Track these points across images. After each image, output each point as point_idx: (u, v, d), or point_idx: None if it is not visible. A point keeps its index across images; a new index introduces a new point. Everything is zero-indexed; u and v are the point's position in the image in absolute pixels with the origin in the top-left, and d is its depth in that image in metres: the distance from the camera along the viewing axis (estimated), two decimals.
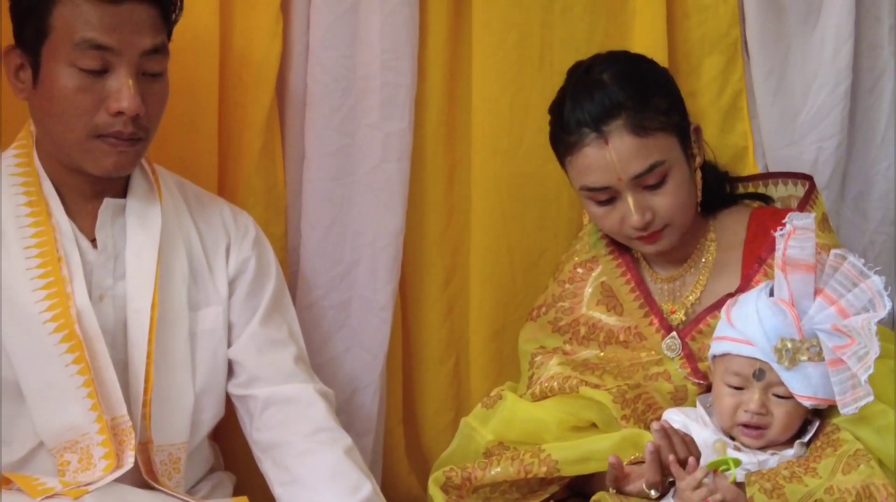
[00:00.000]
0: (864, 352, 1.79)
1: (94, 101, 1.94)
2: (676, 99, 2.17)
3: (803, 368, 1.86)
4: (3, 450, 1.97)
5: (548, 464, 2.00)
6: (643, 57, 2.23)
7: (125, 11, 1.93)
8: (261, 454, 2.12)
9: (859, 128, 2.65)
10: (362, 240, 2.48)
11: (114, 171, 2.01)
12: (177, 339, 2.07)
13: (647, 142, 2.06)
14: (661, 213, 2.09)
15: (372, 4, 2.43)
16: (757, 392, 1.91)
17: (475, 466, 2.06)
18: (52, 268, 1.99)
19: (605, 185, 2.08)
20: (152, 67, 2.00)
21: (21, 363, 1.96)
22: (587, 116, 2.07)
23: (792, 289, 1.87)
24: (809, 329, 1.86)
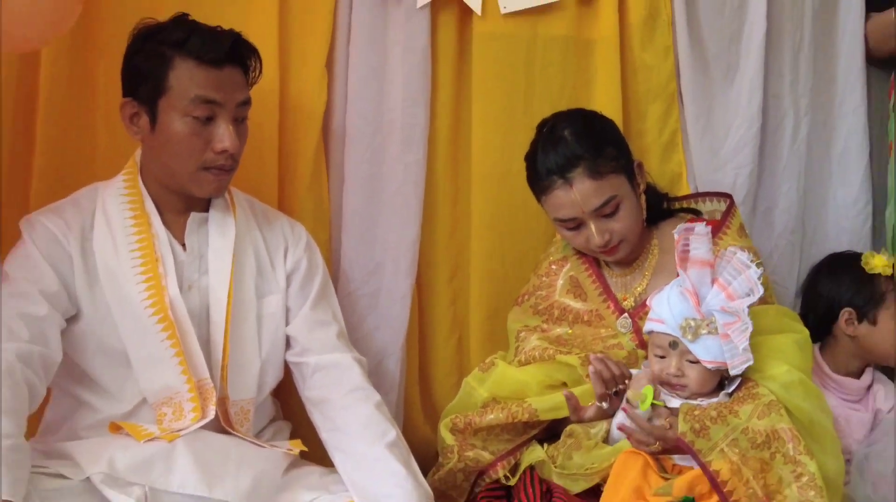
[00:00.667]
0: (744, 328, 1.81)
1: (203, 142, 1.97)
2: (623, 146, 2.16)
3: (704, 340, 1.86)
4: (115, 405, 1.97)
5: (529, 412, 2.04)
6: (596, 114, 2.22)
7: (225, 74, 1.97)
8: (311, 407, 2.11)
9: (767, 159, 2.63)
10: (387, 246, 2.47)
11: (214, 194, 2.06)
12: (247, 320, 2.06)
13: (602, 183, 2.06)
14: (617, 233, 2.10)
15: (395, 66, 2.44)
16: (674, 358, 1.90)
17: (474, 414, 2.10)
18: (151, 266, 1.99)
19: (572, 217, 2.10)
20: (241, 114, 2.03)
21: (128, 339, 1.95)
22: (554, 166, 2.08)
23: (692, 280, 1.88)
24: (707, 310, 1.86)
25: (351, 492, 1.91)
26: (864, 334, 2.35)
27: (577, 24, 2.48)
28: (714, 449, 1.80)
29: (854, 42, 2.65)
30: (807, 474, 1.77)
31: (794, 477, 1.78)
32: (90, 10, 2.24)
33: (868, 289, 2.35)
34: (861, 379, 2.38)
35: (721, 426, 1.81)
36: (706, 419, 1.82)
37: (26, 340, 1.85)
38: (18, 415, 1.76)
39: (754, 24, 2.55)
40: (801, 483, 1.77)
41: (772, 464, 1.80)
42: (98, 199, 2.04)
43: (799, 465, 1.78)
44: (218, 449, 1.90)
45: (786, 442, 1.81)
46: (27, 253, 1.95)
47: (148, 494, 1.79)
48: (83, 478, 1.80)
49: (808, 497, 1.76)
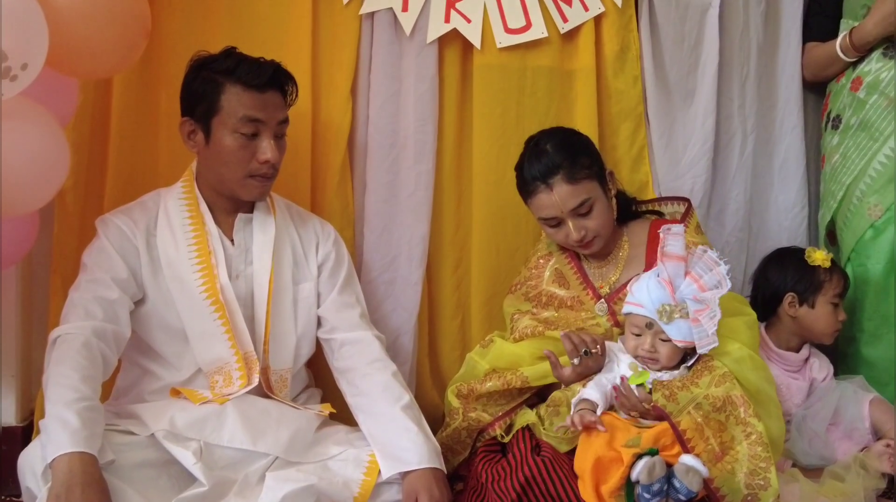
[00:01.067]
0: (713, 315, 1.81)
1: (249, 154, 1.97)
2: (595, 156, 2.16)
3: (677, 323, 1.85)
4: (175, 373, 1.98)
5: (521, 379, 2.06)
6: (574, 131, 2.22)
7: (268, 97, 1.98)
8: (338, 376, 2.11)
9: (719, 170, 2.62)
10: (402, 240, 2.46)
11: (258, 198, 2.06)
12: (285, 302, 2.06)
13: (578, 187, 2.06)
14: (591, 230, 2.10)
15: (408, 91, 2.43)
16: (649, 337, 1.90)
17: (476, 382, 2.10)
18: (205, 258, 2.00)
19: (553, 216, 2.10)
20: (281, 131, 2.03)
21: (186, 318, 1.96)
22: (538, 174, 2.08)
23: (669, 272, 1.87)
24: (681, 297, 1.86)
25: (372, 446, 1.92)
26: (804, 315, 2.35)
27: (560, 57, 2.47)
28: (682, 411, 1.81)
29: (792, 72, 2.63)
30: (755, 433, 1.79)
31: (744, 436, 1.80)
32: (154, 45, 2.24)
33: (809, 277, 2.35)
34: (800, 353, 2.38)
35: (686, 393, 1.82)
36: (674, 388, 1.84)
37: (101, 319, 1.86)
38: (94, 381, 1.78)
39: (708, 58, 2.54)
40: (751, 440, 1.79)
41: (726, 425, 1.81)
42: (161, 202, 2.05)
43: (749, 426, 1.80)
44: (261, 410, 1.91)
45: (738, 406, 1.82)
46: (101, 246, 1.96)
47: (202, 447, 1.80)
48: (148, 435, 1.81)
49: (757, 452, 1.77)
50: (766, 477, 1.76)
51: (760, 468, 1.76)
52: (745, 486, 1.76)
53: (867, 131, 2.43)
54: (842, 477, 2.03)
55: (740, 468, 1.77)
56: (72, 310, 1.88)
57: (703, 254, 1.88)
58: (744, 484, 1.76)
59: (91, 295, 1.88)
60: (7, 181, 1.79)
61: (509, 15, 2.41)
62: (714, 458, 1.77)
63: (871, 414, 2.23)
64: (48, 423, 1.68)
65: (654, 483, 1.70)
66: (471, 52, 2.45)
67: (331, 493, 1.80)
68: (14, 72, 1.67)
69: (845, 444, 2.21)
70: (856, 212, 2.45)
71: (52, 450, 1.63)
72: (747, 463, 1.77)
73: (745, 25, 2.58)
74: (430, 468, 1.87)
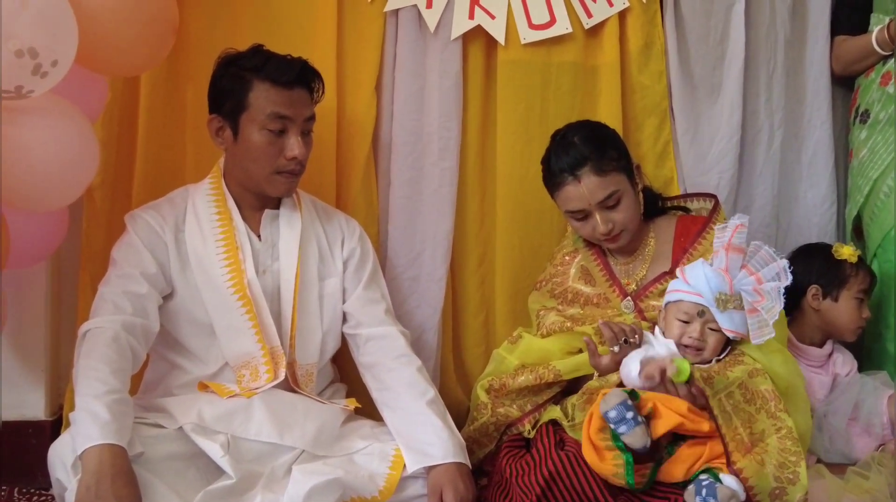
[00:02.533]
0: (770, 306, 1.82)
1: (277, 151, 1.99)
2: (623, 149, 2.15)
3: (730, 313, 1.88)
4: (202, 367, 2.00)
5: (554, 373, 2.07)
6: (601, 124, 2.21)
7: (295, 94, 1.99)
8: (363, 371, 2.11)
9: (745, 165, 2.60)
10: (426, 237, 2.46)
11: (285, 194, 2.07)
12: (311, 298, 2.07)
13: (606, 179, 2.05)
14: (619, 223, 2.09)
15: (432, 88, 2.44)
16: (698, 324, 1.91)
17: (507, 377, 2.11)
18: (232, 253, 2.01)
19: (580, 209, 2.09)
20: (308, 128, 2.05)
21: (214, 313, 1.98)
22: (566, 165, 2.07)
23: (729, 263, 1.88)
24: (737, 289, 1.87)
25: (397, 441, 1.93)
26: (827, 309, 2.34)
27: (584, 53, 2.47)
28: (715, 396, 1.82)
29: (821, 66, 2.62)
30: (785, 428, 1.79)
31: (774, 430, 1.80)
32: (182, 42, 2.27)
33: (834, 272, 2.34)
34: (823, 348, 2.37)
35: (721, 378, 1.84)
36: (710, 372, 1.85)
37: (130, 313, 1.89)
38: (124, 374, 1.81)
39: (734, 52, 2.53)
40: (781, 434, 1.79)
41: (757, 418, 1.81)
42: (189, 198, 2.07)
43: (779, 420, 1.80)
44: (288, 405, 1.92)
45: (768, 400, 1.83)
46: (130, 241, 1.98)
47: (230, 440, 1.82)
48: (176, 428, 1.83)
49: (787, 446, 1.78)
50: (796, 470, 1.76)
51: (790, 462, 1.76)
52: (774, 479, 1.76)
53: None
54: (865, 475, 2.02)
55: (770, 460, 1.77)
56: (101, 304, 1.90)
57: (759, 250, 1.89)
58: (773, 476, 1.76)
59: (120, 289, 1.91)
60: (37, 177, 1.82)
61: (533, 10, 2.42)
62: (743, 449, 1.77)
63: (889, 410, 2.22)
64: (78, 415, 1.70)
65: (609, 410, 1.72)
66: (495, 49, 2.45)
67: (356, 487, 1.81)
68: (44, 68, 1.70)
69: (864, 440, 2.20)
70: (883, 207, 2.43)
71: (82, 442, 1.65)
72: (777, 456, 1.77)
73: (771, 19, 2.57)
74: (454, 463, 1.88)
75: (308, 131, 2.05)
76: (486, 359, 2.47)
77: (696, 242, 2.13)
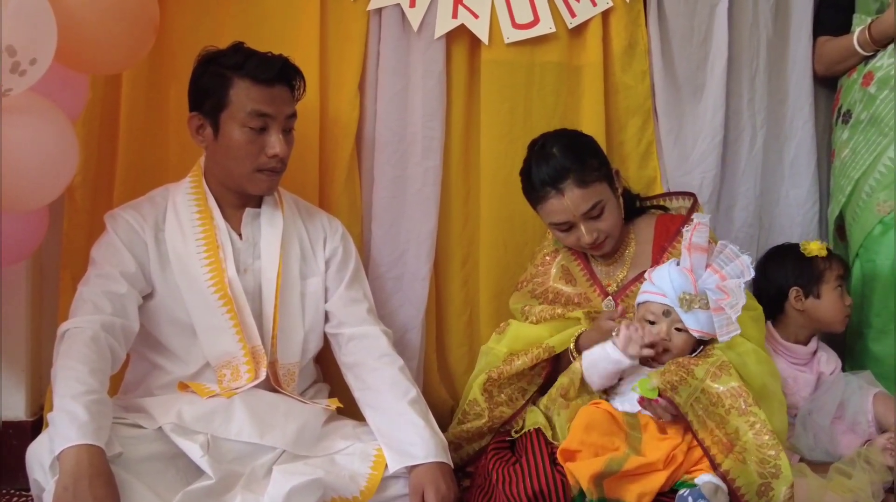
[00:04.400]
0: (735, 303, 1.81)
1: (257, 149, 1.97)
2: (602, 157, 2.13)
3: (696, 313, 1.86)
4: (183, 367, 1.98)
5: (548, 350, 2.06)
6: (578, 132, 2.19)
7: (276, 92, 1.98)
8: (346, 371, 2.10)
9: (728, 165, 2.60)
10: (410, 236, 2.45)
11: (266, 192, 2.06)
12: (293, 297, 2.06)
13: (589, 190, 2.03)
14: (603, 231, 2.08)
15: (416, 87, 2.43)
16: (665, 325, 1.90)
17: (502, 365, 2.08)
18: (213, 251, 2.00)
19: (565, 221, 2.07)
20: (289, 126, 2.03)
21: (194, 312, 1.97)
22: (547, 178, 2.04)
23: (693, 262, 1.87)
24: (702, 288, 1.86)
25: (379, 441, 1.92)
26: (811, 307, 2.34)
27: (568, 52, 2.46)
28: (686, 402, 1.80)
29: (803, 67, 2.62)
30: (759, 422, 1.77)
31: (748, 426, 1.78)
32: (163, 40, 2.25)
33: (809, 269, 2.34)
34: (808, 346, 2.36)
35: (685, 387, 1.81)
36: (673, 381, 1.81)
37: (109, 313, 1.87)
38: (103, 375, 1.79)
39: (717, 53, 2.53)
40: (756, 430, 1.77)
41: (728, 419, 1.79)
42: (169, 197, 2.05)
43: (752, 415, 1.78)
44: (269, 404, 1.91)
45: (737, 397, 1.80)
46: (110, 241, 1.97)
47: (210, 441, 1.80)
48: (156, 428, 1.81)
49: (764, 441, 1.75)
50: (777, 464, 1.74)
51: (770, 456, 1.74)
52: (759, 475, 1.75)
53: (877, 126, 2.42)
54: (848, 473, 2.02)
55: (750, 457, 1.76)
56: (80, 304, 1.89)
57: (724, 248, 1.88)
58: (756, 473, 1.75)
59: (100, 289, 1.89)
60: (16, 177, 1.80)
61: (517, 10, 2.41)
62: (725, 449, 1.76)
63: (874, 408, 2.22)
64: (56, 416, 1.68)
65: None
66: (478, 48, 2.44)
67: (337, 487, 1.80)
68: (23, 67, 1.68)
69: (848, 438, 2.20)
70: (865, 207, 2.44)
71: (60, 443, 1.64)
72: (756, 453, 1.75)
73: (754, 20, 2.57)
74: (436, 462, 1.87)
75: (289, 129, 2.04)
76: (470, 359, 2.48)
77: (673, 241, 2.13)
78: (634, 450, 1.77)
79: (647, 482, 1.74)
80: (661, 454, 1.75)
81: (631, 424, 1.83)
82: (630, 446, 1.78)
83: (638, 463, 1.73)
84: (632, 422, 1.84)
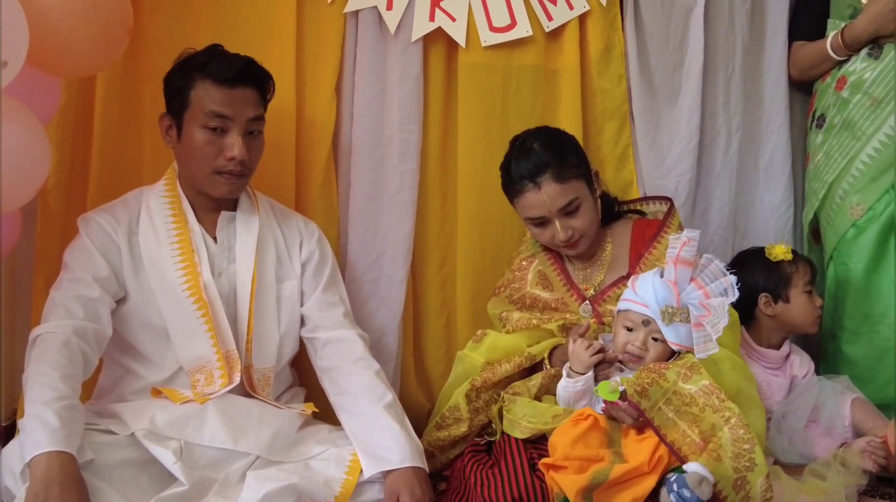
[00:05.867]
0: (716, 321, 1.80)
1: (216, 150, 1.95)
2: (582, 156, 2.14)
3: (676, 326, 1.85)
4: (156, 372, 1.96)
5: (529, 358, 2.08)
6: (560, 130, 2.20)
7: (238, 93, 1.95)
8: (321, 375, 2.09)
9: (703, 168, 2.61)
10: (386, 239, 2.44)
11: (227, 195, 2.01)
12: (268, 301, 2.04)
13: (566, 186, 2.05)
14: (578, 230, 2.09)
15: (393, 90, 2.42)
16: (642, 333, 1.90)
17: (488, 372, 2.09)
18: (188, 255, 1.98)
19: (540, 216, 2.08)
20: (253, 128, 1.99)
21: (168, 316, 1.94)
22: (526, 172, 2.06)
23: (677, 275, 1.86)
24: (684, 302, 1.85)
25: (354, 445, 1.90)
26: (782, 311, 2.34)
27: (545, 56, 2.47)
28: (654, 407, 1.79)
29: (778, 71, 2.64)
30: (734, 416, 1.76)
31: (724, 421, 1.76)
32: (138, 42, 2.23)
33: (777, 274, 2.34)
34: (780, 350, 2.37)
35: (656, 389, 1.81)
36: (644, 384, 1.81)
37: (82, 318, 1.85)
38: (74, 380, 1.77)
39: (693, 56, 2.54)
40: (731, 424, 1.75)
41: (702, 416, 1.78)
42: (143, 200, 2.03)
43: (726, 411, 1.77)
44: (243, 410, 1.89)
45: (710, 395, 1.79)
46: (83, 245, 1.95)
47: (183, 447, 1.78)
48: (129, 434, 1.79)
49: (739, 435, 1.74)
50: (752, 457, 1.74)
51: (745, 450, 1.73)
52: (734, 470, 1.74)
53: (850, 131, 2.44)
54: (822, 475, 2.02)
55: (725, 453, 1.74)
56: (52, 308, 1.86)
57: (710, 264, 1.87)
58: (731, 467, 1.74)
59: (72, 293, 1.87)
60: None
61: (494, 13, 2.41)
62: (697, 449, 1.75)
63: (852, 413, 2.22)
64: (27, 422, 1.66)
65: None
66: (456, 51, 2.44)
67: (312, 492, 1.78)
68: None
69: (824, 441, 2.20)
70: (838, 211, 2.45)
71: (31, 450, 1.61)
72: (731, 448, 1.74)
73: (730, 24, 2.58)
74: (411, 467, 1.86)
75: (254, 132, 2.01)
76: (447, 362, 2.47)
77: (651, 246, 2.13)
78: (618, 457, 1.77)
79: (638, 488, 1.74)
80: (644, 456, 1.73)
81: (613, 428, 1.83)
82: (614, 453, 1.78)
83: (623, 471, 1.72)
84: (614, 426, 1.83)
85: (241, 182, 2.02)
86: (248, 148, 1.97)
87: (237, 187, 2.02)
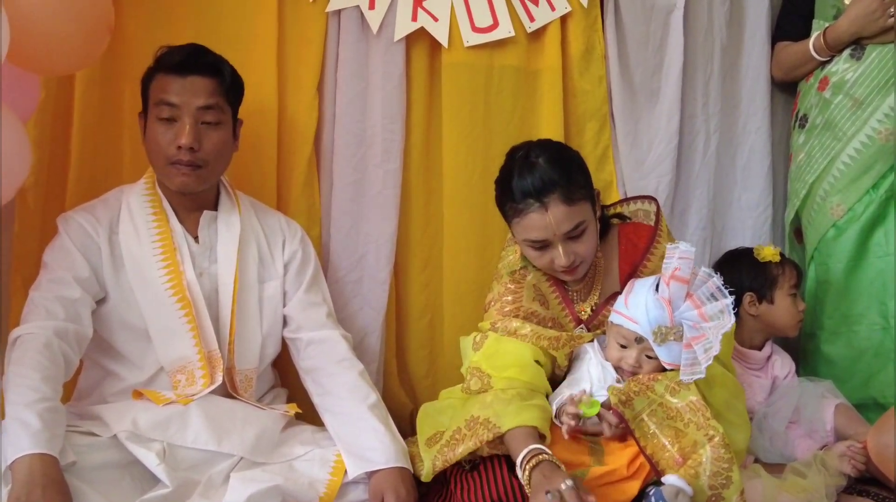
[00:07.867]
0: (709, 345, 1.72)
1: (167, 140, 1.92)
2: (587, 174, 1.99)
3: (669, 344, 1.80)
4: (137, 373, 1.93)
5: (494, 432, 1.81)
6: (563, 144, 2.12)
7: (188, 82, 1.93)
8: (304, 376, 2.07)
9: (683, 169, 2.62)
10: (369, 239, 2.42)
11: (182, 188, 1.97)
12: (250, 301, 2.03)
13: (574, 208, 1.89)
14: (580, 255, 1.94)
15: (375, 90, 2.40)
16: (635, 351, 1.87)
17: (448, 450, 1.87)
18: (170, 255, 1.96)
19: (542, 239, 1.92)
20: (205, 118, 1.94)
21: (149, 315, 1.92)
22: (531, 189, 1.88)
23: (671, 293, 1.78)
24: (678, 320, 1.78)
25: (338, 446, 1.89)
26: (765, 312, 2.35)
27: (526, 57, 2.47)
28: (637, 417, 1.78)
29: (757, 73, 2.65)
30: (717, 435, 1.75)
31: (706, 439, 1.75)
32: (118, 41, 2.20)
33: (763, 275, 2.35)
34: (762, 351, 2.38)
35: (642, 398, 1.80)
36: (630, 393, 1.80)
37: (62, 319, 1.82)
38: (55, 382, 1.74)
39: (673, 58, 2.56)
40: (714, 443, 1.74)
41: (686, 432, 1.77)
42: (123, 198, 2.01)
43: (710, 429, 1.76)
44: (226, 411, 1.87)
45: (696, 411, 1.78)
46: (63, 245, 1.92)
47: (166, 449, 1.76)
48: (111, 436, 1.76)
49: (720, 453, 1.74)
50: (729, 475, 1.73)
51: (723, 468, 1.73)
52: (709, 488, 1.74)
53: (831, 131, 2.45)
54: (803, 473, 2.03)
55: (704, 471, 1.74)
56: (32, 309, 1.83)
57: (708, 280, 1.78)
58: (707, 485, 1.74)
59: (52, 294, 1.84)
60: None
61: (476, 14, 2.40)
62: (675, 464, 1.75)
63: (835, 419, 2.22)
64: (8, 425, 1.63)
65: None
66: (438, 51, 2.43)
67: (296, 493, 1.77)
68: None
69: (805, 442, 2.21)
70: (819, 211, 2.47)
71: (13, 452, 1.59)
72: (710, 466, 1.74)
73: (709, 27, 2.60)
74: (396, 467, 1.85)
75: (207, 122, 1.95)
76: (430, 362, 2.48)
77: (644, 259, 2.03)
78: (598, 462, 1.76)
79: (621, 492, 1.74)
80: (623, 460, 1.74)
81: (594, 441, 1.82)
82: (594, 458, 1.77)
83: (600, 473, 1.72)
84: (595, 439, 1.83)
85: (198, 174, 1.95)
86: (203, 138, 1.93)
87: (193, 180, 1.95)
